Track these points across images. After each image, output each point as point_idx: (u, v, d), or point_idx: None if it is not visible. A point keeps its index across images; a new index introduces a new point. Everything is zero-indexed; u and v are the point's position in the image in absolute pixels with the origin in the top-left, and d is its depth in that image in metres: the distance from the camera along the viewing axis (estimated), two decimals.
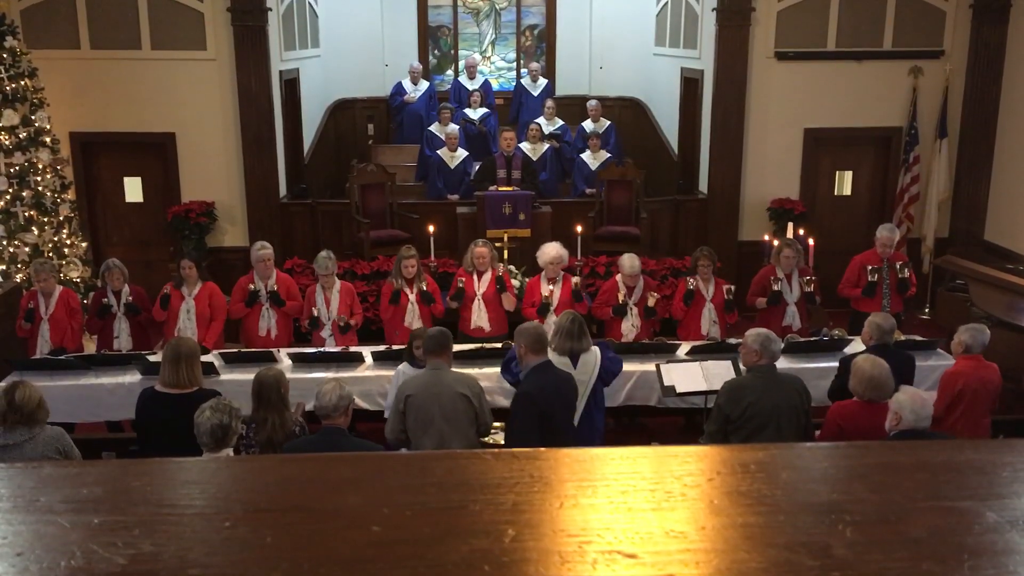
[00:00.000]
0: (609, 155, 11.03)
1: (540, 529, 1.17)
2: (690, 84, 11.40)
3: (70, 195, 9.46)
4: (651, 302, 7.51)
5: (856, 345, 6.98)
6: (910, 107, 10.51)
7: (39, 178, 9.04)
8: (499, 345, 7.25)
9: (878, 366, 5.13)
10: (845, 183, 10.89)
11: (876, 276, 7.70)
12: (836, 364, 6.41)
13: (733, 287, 7.72)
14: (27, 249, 8.87)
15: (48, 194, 9.08)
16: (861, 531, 1.16)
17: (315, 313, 7.45)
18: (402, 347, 7.16)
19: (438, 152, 10.97)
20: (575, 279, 7.82)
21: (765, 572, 1.09)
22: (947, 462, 1.39)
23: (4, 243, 8.84)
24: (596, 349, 5.93)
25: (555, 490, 1.27)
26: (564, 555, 1.11)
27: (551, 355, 5.46)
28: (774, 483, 1.29)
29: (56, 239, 9.11)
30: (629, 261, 7.54)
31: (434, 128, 11.54)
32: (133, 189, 10.58)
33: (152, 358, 6.90)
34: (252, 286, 7.54)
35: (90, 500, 1.24)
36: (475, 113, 12.08)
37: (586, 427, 5.64)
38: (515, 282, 8.56)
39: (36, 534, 1.16)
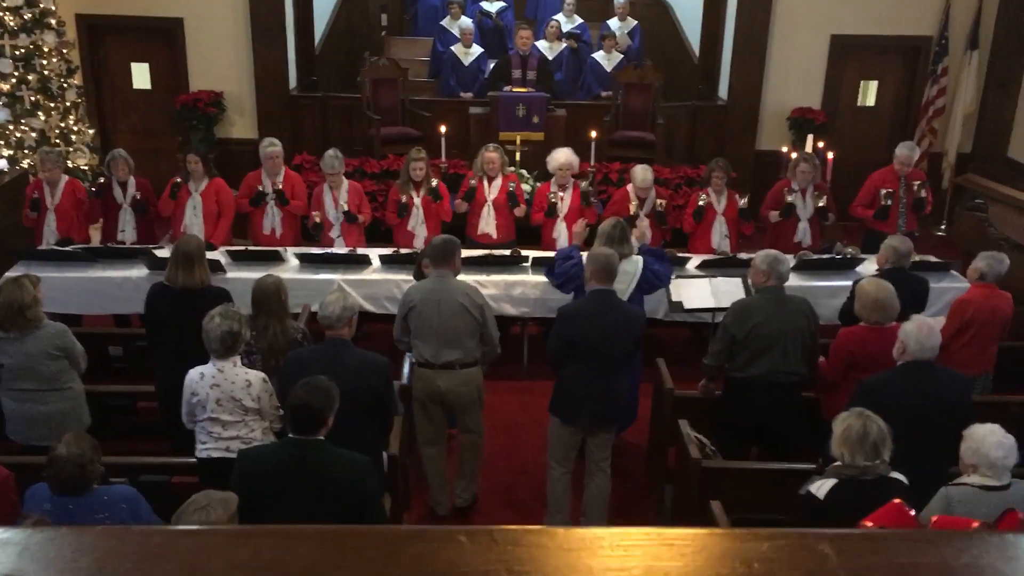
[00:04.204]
0: (622, 56, 10.71)
1: None
2: None
3: (76, 80, 9.26)
4: (658, 206, 7.42)
5: (869, 265, 6.91)
6: (942, 16, 10.13)
7: (44, 61, 8.84)
8: (507, 252, 7.19)
9: (882, 288, 5.07)
10: (869, 93, 10.58)
11: (890, 200, 7.55)
12: (847, 283, 6.33)
13: (747, 196, 7.57)
14: (34, 134, 8.75)
15: (54, 78, 8.89)
16: None
17: (316, 220, 7.37)
18: (410, 251, 7.13)
19: (451, 48, 10.68)
20: (583, 183, 7.70)
21: None
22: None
23: (11, 128, 8.72)
24: (639, 259, 5.89)
25: None
26: None
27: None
28: None
29: (63, 125, 8.97)
30: (642, 173, 7.40)
31: (446, 23, 11.22)
32: (141, 75, 10.39)
33: (159, 252, 6.87)
34: (260, 187, 7.45)
35: None
36: (492, 6, 11.70)
37: None
38: (525, 187, 8.44)
39: None
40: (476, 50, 10.63)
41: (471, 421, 5.47)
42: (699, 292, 6.48)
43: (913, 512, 3.51)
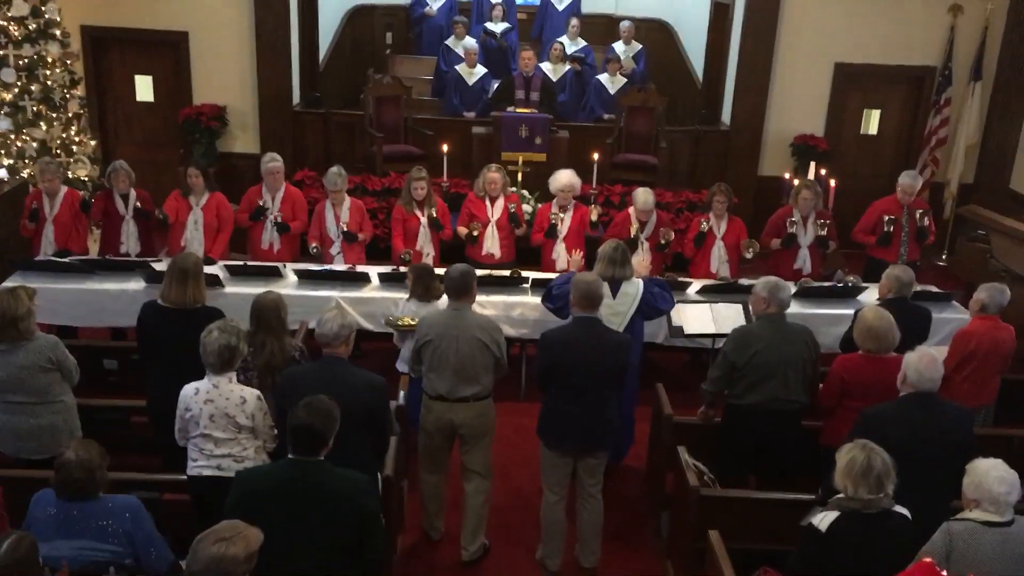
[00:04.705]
0: (626, 80, 10.72)
1: None
2: (720, 9, 11.02)
3: (79, 91, 9.26)
4: (663, 240, 7.38)
5: (871, 293, 6.87)
6: (946, 46, 10.16)
7: (48, 72, 8.83)
8: (507, 273, 7.16)
9: (879, 317, 5.04)
10: (872, 122, 10.59)
11: (892, 227, 7.54)
12: (849, 311, 6.31)
13: (755, 246, 7.47)
14: (35, 144, 8.73)
15: (57, 89, 8.89)
16: None
17: (313, 251, 7.39)
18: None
19: (456, 68, 10.69)
20: (595, 209, 7.67)
21: None
22: None
23: (12, 137, 8.70)
24: (639, 282, 5.85)
25: None
26: None
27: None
28: None
29: (64, 136, 8.96)
30: (643, 196, 7.38)
31: (450, 42, 11.24)
32: (144, 88, 10.39)
33: (156, 266, 6.84)
34: (260, 202, 7.43)
35: None
36: (497, 26, 11.73)
37: None
38: (527, 207, 8.42)
39: None
40: (480, 70, 10.64)
41: (480, 458, 5.23)
42: (700, 317, 6.44)
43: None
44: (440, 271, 7.01)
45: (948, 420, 4.40)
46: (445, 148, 8.48)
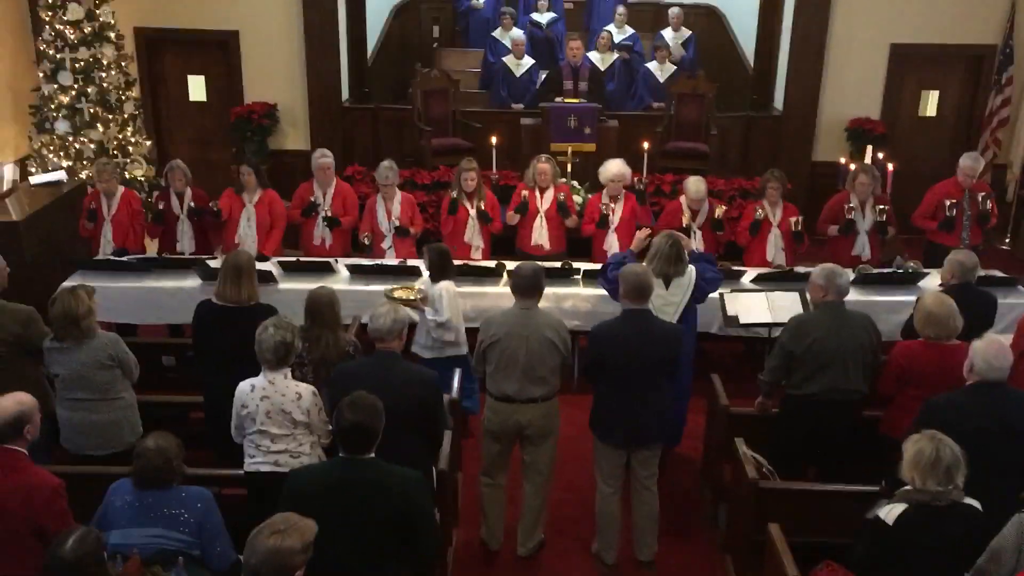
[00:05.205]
0: (675, 67, 10.58)
1: None
2: None
3: (134, 92, 9.41)
4: (718, 213, 7.29)
5: (933, 279, 6.71)
6: (1007, 24, 9.85)
7: (104, 74, 8.99)
8: (558, 264, 7.11)
9: (940, 303, 4.89)
10: (930, 103, 10.32)
11: (955, 211, 7.34)
12: (910, 298, 6.18)
13: (802, 219, 7.38)
14: (92, 146, 8.90)
15: (113, 91, 9.04)
16: None
17: (365, 242, 7.43)
18: (461, 262, 7.10)
19: (503, 59, 10.65)
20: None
21: None
22: None
23: (70, 139, 8.87)
24: (692, 269, 5.78)
25: None
26: None
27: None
28: None
29: (120, 136, 9.11)
30: (695, 184, 7.28)
31: (497, 34, 11.22)
32: (197, 88, 10.53)
33: (212, 263, 6.92)
34: (312, 198, 7.48)
35: None
36: (543, 17, 11.66)
37: None
38: (577, 198, 8.36)
39: None
40: (527, 61, 10.60)
41: (543, 458, 5.17)
42: (755, 306, 6.33)
43: None
44: (488, 264, 7.09)
45: (1017, 410, 4.25)
46: (494, 140, 8.45)
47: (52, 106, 8.84)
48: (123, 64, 9.20)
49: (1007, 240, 10.06)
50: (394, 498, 3.62)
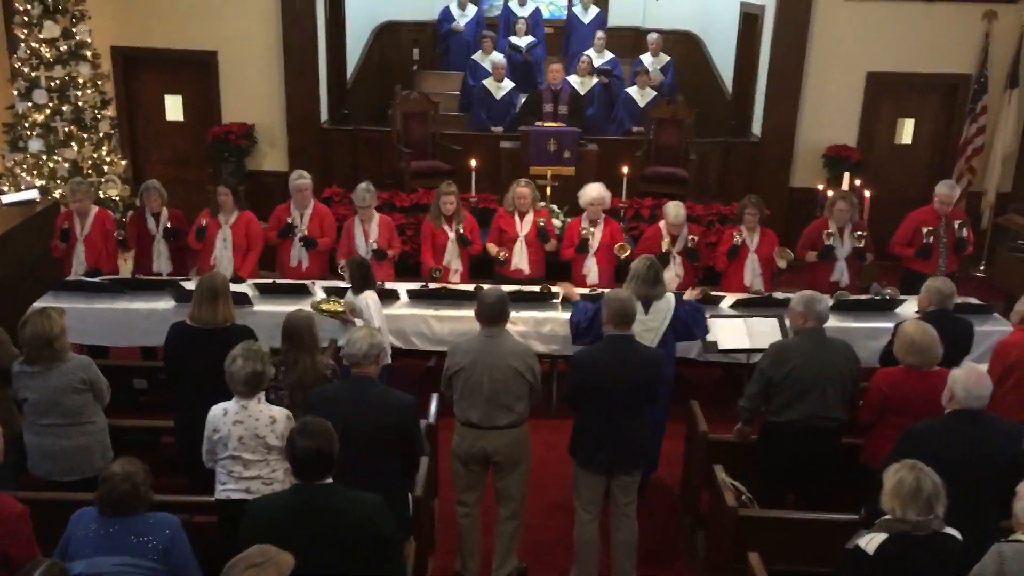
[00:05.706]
0: (655, 92, 10.64)
1: None
2: (749, 20, 10.93)
3: (110, 111, 9.34)
4: (689, 243, 7.30)
5: (909, 306, 6.72)
6: (981, 54, 9.99)
7: (79, 93, 8.91)
8: (537, 288, 7.08)
9: (924, 332, 4.89)
10: (906, 131, 10.42)
11: (931, 238, 7.38)
12: (887, 325, 6.20)
13: (788, 255, 7.34)
14: (66, 165, 8.80)
15: (88, 109, 8.96)
16: None
17: (342, 270, 7.37)
18: (439, 286, 7.06)
19: (483, 82, 10.66)
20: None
21: None
22: None
23: (44, 158, 8.77)
24: (671, 297, 5.77)
25: None
26: None
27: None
28: None
29: (95, 156, 9.03)
30: (674, 209, 7.28)
31: (477, 57, 11.23)
32: (174, 107, 10.47)
33: (186, 284, 6.83)
34: (289, 219, 7.42)
35: None
36: (521, 41, 11.70)
37: None
38: (556, 222, 8.34)
39: None
40: (507, 84, 10.61)
41: (514, 485, 5.08)
42: (734, 332, 6.33)
43: None
44: (467, 287, 7.04)
45: (997, 438, 4.25)
46: (473, 163, 8.44)
47: (26, 124, 8.75)
48: (99, 83, 9.13)
49: (982, 267, 10.14)
50: (355, 524, 3.53)
